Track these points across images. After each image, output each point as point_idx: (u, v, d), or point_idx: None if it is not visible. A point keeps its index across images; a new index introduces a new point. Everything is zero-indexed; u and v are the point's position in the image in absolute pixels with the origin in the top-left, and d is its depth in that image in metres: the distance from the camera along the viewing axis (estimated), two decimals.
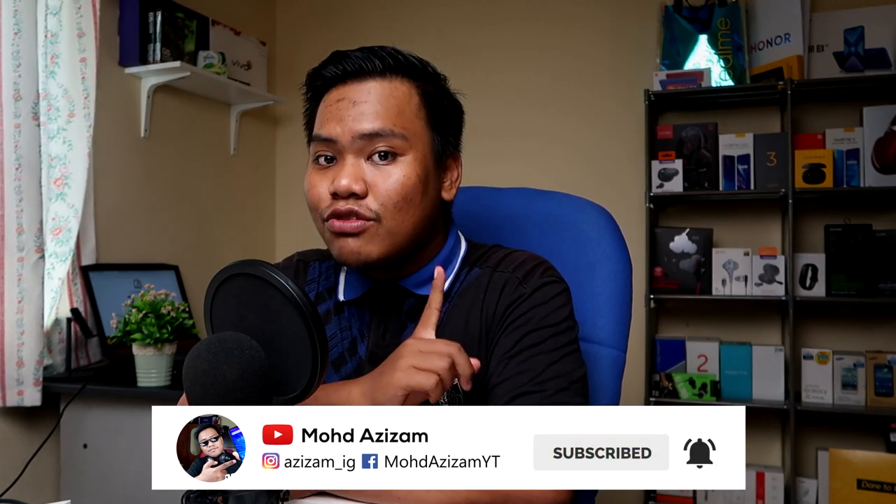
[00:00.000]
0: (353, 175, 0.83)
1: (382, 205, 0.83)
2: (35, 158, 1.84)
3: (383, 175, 0.83)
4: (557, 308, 0.86)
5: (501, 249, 0.95)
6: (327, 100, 0.87)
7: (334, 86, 0.87)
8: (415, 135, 0.86)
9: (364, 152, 0.84)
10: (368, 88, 0.84)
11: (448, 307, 0.90)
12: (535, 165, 2.71)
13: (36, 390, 1.82)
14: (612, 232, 1.09)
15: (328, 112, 0.86)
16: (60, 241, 1.99)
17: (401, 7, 2.96)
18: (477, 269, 0.92)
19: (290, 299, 0.57)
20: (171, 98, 2.47)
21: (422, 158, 0.86)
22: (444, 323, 0.89)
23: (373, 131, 0.83)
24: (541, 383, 0.81)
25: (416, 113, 0.86)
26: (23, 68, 1.81)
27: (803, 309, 2.38)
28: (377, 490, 0.74)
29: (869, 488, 2.14)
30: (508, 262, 0.91)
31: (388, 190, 0.83)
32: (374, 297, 0.93)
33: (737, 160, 2.41)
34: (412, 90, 0.87)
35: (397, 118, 0.84)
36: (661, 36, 2.55)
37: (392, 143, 0.84)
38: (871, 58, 2.36)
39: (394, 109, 0.84)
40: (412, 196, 0.84)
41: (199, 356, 0.55)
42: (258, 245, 2.98)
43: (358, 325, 0.93)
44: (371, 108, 0.83)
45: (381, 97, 0.84)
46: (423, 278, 0.91)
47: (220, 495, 0.55)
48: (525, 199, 1.17)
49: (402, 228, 0.85)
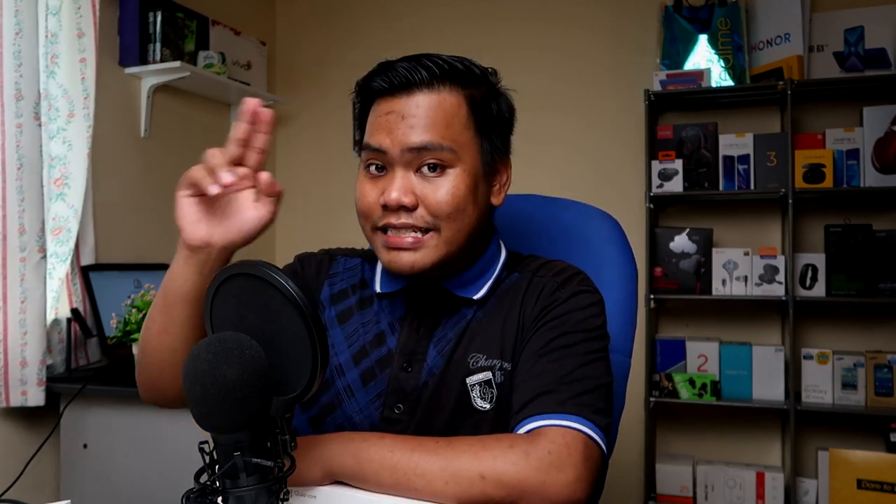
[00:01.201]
0: (403, 188, 0.84)
1: (435, 216, 0.85)
2: (36, 158, 1.84)
3: (433, 188, 0.85)
4: (592, 316, 0.88)
5: (539, 258, 0.96)
6: (377, 110, 0.88)
7: (382, 96, 0.87)
8: (463, 146, 0.86)
9: (413, 165, 0.85)
10: (417, 102, 0.85)
11: (486, 308, 0.92)
12: (536, 166, 2.71)
13: (40, 390, 1.82)
14: (617, 238, 1.10)
15: (378, 123, 0.86)
16: (60, 242, 2.00)
17: (401, 7, 2.96)
18: (516, 273, 0.94)
19: (290, 299, 0.57)
20: (171, 98, 2.47)
21: (470, 169, 0.87)
22: (482, 324, 0.91)
23: (421, 145, 0.84)
24: (567, 383, 0.81)
25: (464, 123, 0.87)
26: (24, 68, 1.81)
27: (803, 309, 2.38)
28: (395, 480, 0.75)
29: (869, 488, 2.14)
30: (548, 269, 0.93)
31: (438, 202, 0.84)
32: (412, 292, 0.94)
33: (737, 160, 2.41)
34: (460, 99, 0.87)
35: (446, 131, 0.85)
36: (661, 36, 2.55)
37: (440, 156, 0.84)
38: (871, 58, 2.37)
39: (441, 122, 0.85)
40: (463, 206, 0.86)
41: (199, 356, 0.55)
42: (258, 245, 2.97)
43: (388, 319, 0.94)
44: (419, 123, 0.84)
45: (430, 110, 0.85)
46: (465, 280, 0.92)
47: (220, 495, 0.55)
48: (532, 206, 1.18)
49: (456, 238, 0.86)
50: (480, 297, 0.92)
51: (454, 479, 0.75)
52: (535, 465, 0.74)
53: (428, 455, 0.76)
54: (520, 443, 0.76)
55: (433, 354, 0.90)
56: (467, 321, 0.91)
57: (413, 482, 0.75)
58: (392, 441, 0.78)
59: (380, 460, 0.76)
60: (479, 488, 0.74)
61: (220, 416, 0.54)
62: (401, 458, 0.76)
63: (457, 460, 0.75)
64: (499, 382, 0.87)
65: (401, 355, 0.91)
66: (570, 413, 0.79)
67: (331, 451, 0.78)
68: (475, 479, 0.74)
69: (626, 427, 2.47)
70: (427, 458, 0.76)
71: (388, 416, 0.89)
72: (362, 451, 0.77)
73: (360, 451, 0.77)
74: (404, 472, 0.76)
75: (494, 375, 0.87)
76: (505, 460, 0.75)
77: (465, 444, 0.77)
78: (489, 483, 0.74)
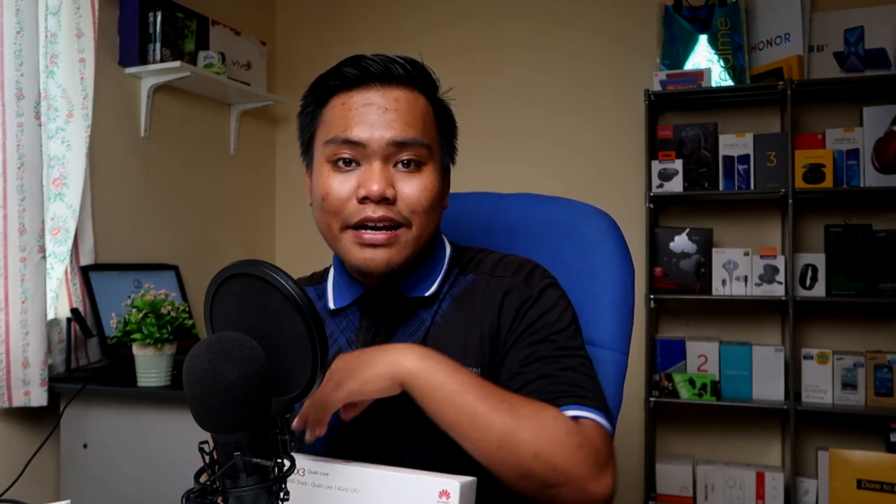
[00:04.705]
0: (385, 180, 0.84)
1: (413, 211, 0.85)
2: (37, 158, 1.84)
3: (410, 183, 0.85)
4: (563, 311, 0.88)
5: (492, 253, 0.96)
6: (348, 102, 0.86)
7: (354, 88, 0.86)
8: (434, 146, 0.88)
9: (391, 159, 0.85)
10: (395, 96, 0.85)
11: (445, 311, 0.91)
12: (535, 166, 2.71)
13: (42, 390, 1.82)
14: (614, 236, 1.10)
15: (354, 115, 0.85)
16: (58, 242, 2.00)
17: (401, 7, 2.96)
18: (472, 275, 0.93)
19: (290, 299, 0.57)
20: (171, 98, 2.47)
21: (438, 168, 0.89)
22: (440, 328, 0.90)
23: (405, 140, 0.84)
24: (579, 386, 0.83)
25: (433, 124, 0.89)
26: (25, 67, 1.81)
27: (803, 309, 2.38)
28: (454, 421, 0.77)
29: (869, 488, 2.14)
30: (505, 267, 0.92)
31: (417, 197, 0.85)
32: (365, 302, 0.93)
33: (737, 160, 2.41)
34: (427, 101, 0.89)
35: (423, 129, 0.86)
36: (661, 36, 2.55)
37: (418, 152, 0.85)
38: (871, 58, 2.36)
39: (419, 120, 0.86)
40: (436, 204, 0.88)
41: (199, 356, 0.54)
42: (258, 245, 2.98)
43: (346, 335, 0.93)
44: (401, 117, 0.84)
45: (409, 105, 0.86)
46: (416, 281, 0.92)
47: (220, 495, 0.55)
48: (528, 204, 1.18)
49: (424, 235, 0.87)
50: (431, 293, 0.91)
51: (508, 447, 0.76)
52: (585, 461, 0.76)
53: (493, 413, 0.76)
54: (574, 433, 0.77)
55: None
56: (426, 328, 0.90)
57: (469, 433, 0.76)
58: (465, 379, 0.78)
59: (451, 394, 0.76)
60: (528, 465, 0.75)
61: (220, 416, 0.54)
62: (468, 403, 0.76)
63: (518, 431, 0.76)
64: None
65: None
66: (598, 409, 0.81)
67: (405, 357, 0.78)
68: (528, 455, 0.75)
69: (626, 427, 2.48)
70: (491, 416, 0.76)
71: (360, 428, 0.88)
72: (437, 374, 0.77)
73: (436, 375, 0.77)
74: (467, 418, 0.76)
75: None
76: (562, 447, 0.75)
77: (527, 413, 0.77)
78: (540, 463, 0.75)
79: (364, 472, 0.72)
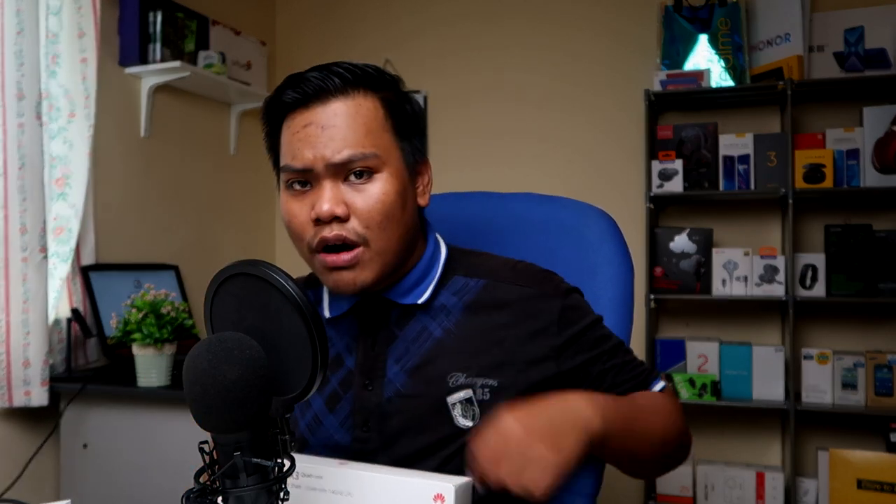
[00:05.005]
0: (333, 199, 0.82)
1: (367, 227, 0.83)
2: (38, 158, 1.84)
3: (363, 195, 0.83)
4: (590, 308, 0.94)
5: (496, 257, 0.95)
6: (292, 126, 0.85)
7: (297, 109, 0.85)
8: (386, 150, 0.85)
9: (340, 175, 0.83)
10: (334, 110, 0.83)
11: (458, 320, 0.90)
12: (536, 165, 2.72)
13: (43, 390, 1.82)
14: (613, 236, 1.10)
15: (296, 139, 0.84)
16: (61, 241, 2.00)
17: (400, 7, 2.96)
18: (482, 280, 0.92)
19: (290, 299, 0.57)
20: (171, 98, 2.47)
21: (396, 172, 0.85)
22: (455, 339, 0.88)
23: (345, 160, 0.82)
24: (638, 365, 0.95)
25: (383, 127, 0.85)
26: (26, 67, 1.81)
27: (803, 309, 2.38)
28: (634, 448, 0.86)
29: (869, 488, 2.14)
30: (519, 274, 0.92)
31: (369, 210, 0.83)
32: (361, 310, 0.92)
33: (737, 160, 2.41)
34: (376, 103, 0.85)
35: (366, 138, 0.83)
36: (661, 36, 2.55)
37: (366, 163, 0.83)
38: (871, 58, 2.36)
39: (362, 129, 0.83)
40: (393, 212, 0.84)
41: (199, 356, 0.54)
42: (258, 245, 2.98)
43: (345, 340, 0.93)
44: (339, 133, 0.82)
45: (348, 118, 0.83)
46: (407, 287, 0.91)
47: (220, 495, 0.55)
48: (528, 204, 1.18)
49: (390, 247, 0.85)
50: (425, 300, 0.90)
51: (663, 445, 0.89)
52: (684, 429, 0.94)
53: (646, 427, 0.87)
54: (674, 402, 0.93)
55: (395, 370, 0.88)
56: (436, 338, 0.89)
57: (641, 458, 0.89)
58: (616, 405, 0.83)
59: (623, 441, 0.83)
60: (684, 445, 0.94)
61: (220, 416, 0.54)
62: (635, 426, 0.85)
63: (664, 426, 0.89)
64: (481, 399, 0.85)
65: (360, 374, 0.89)
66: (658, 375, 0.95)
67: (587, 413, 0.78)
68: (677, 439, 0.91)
69: None
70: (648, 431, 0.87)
71: (358, 437, 0.88)
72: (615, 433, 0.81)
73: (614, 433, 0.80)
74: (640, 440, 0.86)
75: (475, 393, 0.86)
76: (682, 418, 0.92)
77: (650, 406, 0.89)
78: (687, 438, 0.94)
79: (358, 476, 0.71)
